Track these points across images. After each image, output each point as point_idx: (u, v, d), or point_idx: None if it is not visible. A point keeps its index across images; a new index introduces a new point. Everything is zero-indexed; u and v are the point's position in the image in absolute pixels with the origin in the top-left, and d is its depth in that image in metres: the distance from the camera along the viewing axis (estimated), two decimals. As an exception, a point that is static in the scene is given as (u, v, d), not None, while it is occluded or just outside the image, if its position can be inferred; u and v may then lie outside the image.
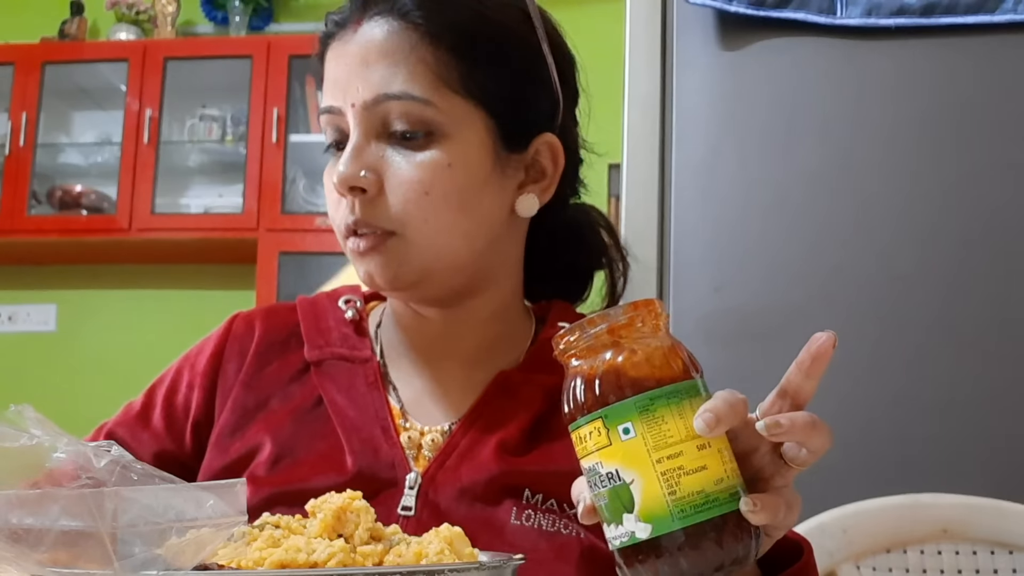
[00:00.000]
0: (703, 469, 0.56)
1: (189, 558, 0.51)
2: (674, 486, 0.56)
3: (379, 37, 0.81)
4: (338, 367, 0.88)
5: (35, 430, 0.54)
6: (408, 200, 0.79)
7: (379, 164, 0.80)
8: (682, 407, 0.57)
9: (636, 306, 0.60)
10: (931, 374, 1.40)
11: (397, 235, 0.80)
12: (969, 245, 1.42)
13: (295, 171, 3.30)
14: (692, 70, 1.52)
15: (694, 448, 0.56)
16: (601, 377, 0.59)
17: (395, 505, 0.80)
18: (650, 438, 0.56)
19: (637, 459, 0.56)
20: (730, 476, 0.57)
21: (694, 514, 0.55)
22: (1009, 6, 1.41)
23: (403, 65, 0.80)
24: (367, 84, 0.80)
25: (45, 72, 3.34)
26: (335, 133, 0.84)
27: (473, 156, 0.81)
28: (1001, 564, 1.14)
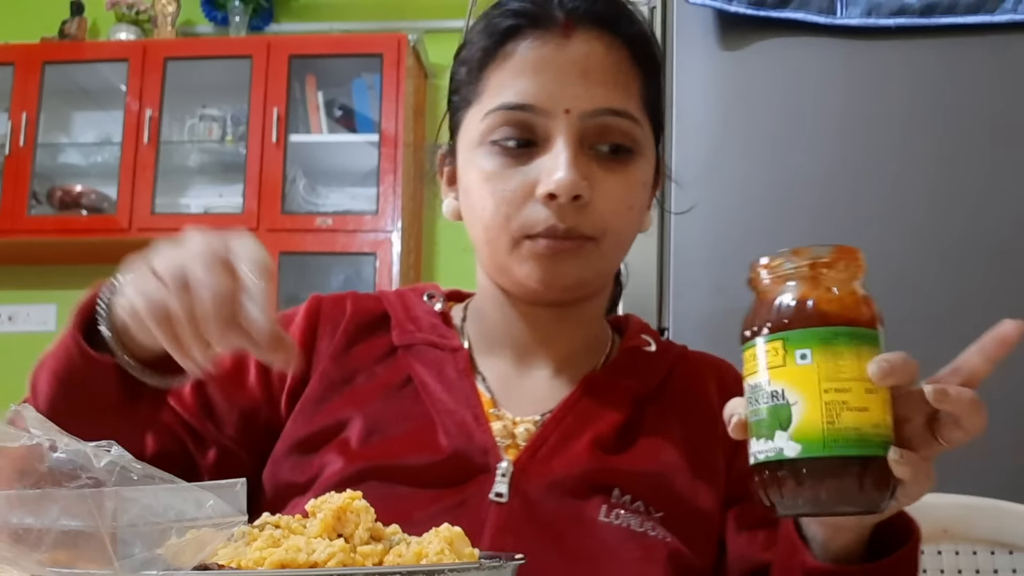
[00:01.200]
0: (864, 410, 0.58)
1: (189, 558, 0.51)
2: (834, 417, 0.58)
3: (600, 53, 0.83)
4: (428, 352, 0.90)
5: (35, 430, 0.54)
6: (616, 213, 0.83)
7: (590, 174, 0.82)
8: (860, 350, 0.59)
9: (841, 249, 0.64)
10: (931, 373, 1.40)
11: (595, 242, 0.83)
12: (969, 245, 1.42)
13: (295, 171, 3.30)
14: (692, 70, 1.52)
15: (862, 389, 0.58)
16: (794, 303, 0.62)
17: (487, 491, 0.81)
18: (824, 368, 0.59)
19: (806, 384, 0.59)
20: (887, 426, 0.59)
21: (845, 447, 0.58)
22: (1009, 6, 1.41)
23: (622, 84, 0.84)
24: (588, 95, 0.82)
25: (45, 72, 3.34)
26: (519, 131, 0.83)
27: (650, 176, 0.88)
28: (1001, 564, 1.14)
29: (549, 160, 0.81)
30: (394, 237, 3.18)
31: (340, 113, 3.37)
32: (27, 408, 0.55)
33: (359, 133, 3.34)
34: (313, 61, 3.32)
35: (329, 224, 3.20)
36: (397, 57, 3.20)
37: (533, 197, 0.81)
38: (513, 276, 0.85)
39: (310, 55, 3.32)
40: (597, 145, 0.82)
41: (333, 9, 3.59)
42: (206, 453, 0.88)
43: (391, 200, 3.19)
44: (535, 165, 0.81)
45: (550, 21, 0.83)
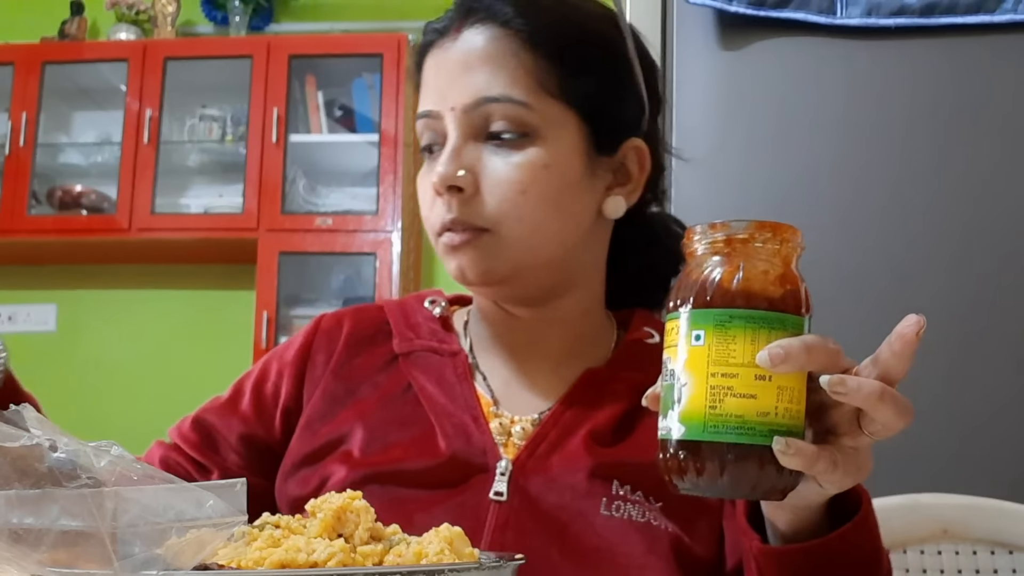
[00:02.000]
0: (751, 397, 0.56)
1: (189, 558, 0.51)
2: (716, 402, 0.57)
3: (480, 43, 0.84)
4: (427, 358, 0.91)
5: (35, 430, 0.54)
6: (505, 199, 0.82)
7: (476, 164, 0.83)
8: (758, 334, 0.57)
9: (762, 225, 0.61)
10: (931, 374, 1.40)
11: (491, 232, 0.83)
12: (969, 245, 1.42)
13: (295, 171, 3.30)
14: (692, 70, 1.52)
15: (751, 375, 0.57)
16: (697, 281, 0.60)
17: (487, 490, 0.82)
18: (715, 351, 0.57)
19: (696, 366, 0.58)
20: (780, 415, 0.57)
21: (724, 433, 0.57)
22: (1009, 6, 1.41)
23: (504, 70, 0.83)
24: (468, 88, 0.83)
25: (45, 72, 3.34)
26: (431, 136, 0.87)
27: (567, 158, 0.85)
28: (1001, 564, 1.14)
29: (440, 157, 0.84)
30: (394, 237, 3.18)
31: (340, 113, 3.37)
32: (27, 408, 0.55)
33: (359, 133, 3.34)
34: (313, 61, 3.33)
35: (329, 224, 3.20)
36: (397, 57, 3.20)
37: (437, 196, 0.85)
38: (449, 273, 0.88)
39: (310, 55, 3.32)
40: (489, 134, 0.83)
41: (333, 9, 3.59)
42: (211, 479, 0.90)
43: (391, 200, 3.19)
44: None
45: (447, 28, 0.87)
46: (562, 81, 0.84)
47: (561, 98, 0.84)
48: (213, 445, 0.92)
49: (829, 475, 0.59)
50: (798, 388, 0.58)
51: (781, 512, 0.67)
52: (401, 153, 3.19)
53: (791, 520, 0.67)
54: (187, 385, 3.42)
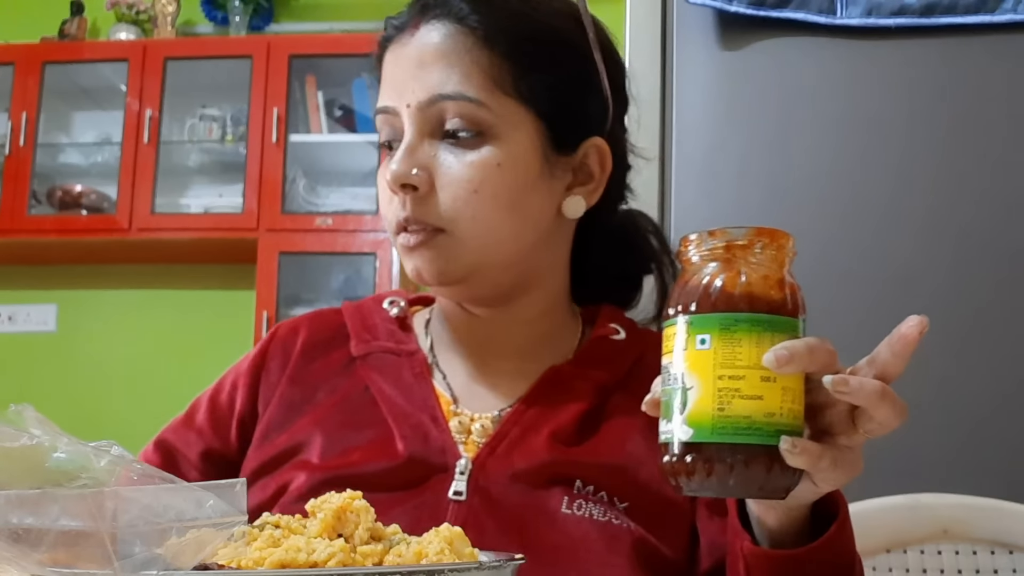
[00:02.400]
0: (758, 398, 0.58)
1: (189, 558, 0.51)
2: (725, 404, 0.58)
3: (436, 40, 0.83)
4: (384, 359, 0.90)
5: (35, 430, 0.54)
6: (457, 197, 0.81)
7: (431, 162, 0.82)
8: (762, 337, 0.59)
9: (760, 232, 0.62)
10: (931, 374, 1.40)
11: (446, 232, 0.82)
12: (969, 245, 1.42)
13: (295, 171, 3.30)
14: (692, 70, 1.52)
15: (757, 377, 0.58)
16: (699, 287, 0.61)
17: (446, 490, 0.81)
18: (720, 355, 0.58)
19: (703, 369, 0.59)
20: (784, 415, 0.58)
21: (733, 435, 0.58)
22: (1009, 6, 1.41)
23: (458, 67, 0.82)
24: (423, 85, 0.82)
25: (45, 72, 3.34)
26: (389, 132, 0.86)
27: (522, 157, 0.83)
28: (1001, 564, 1.14)
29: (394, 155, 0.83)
30: (394, 237, 3.18)
31: (340, 113, 3.37)
32: (27, 408, 0.55)
33: (359, 133, 3.34)
34: (313, 61, 3.33)
35: (329, 224, 3.20)
36: (397, 57, 3.19)
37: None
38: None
39: (310, 55, 3.32)
40: (443, 132, 0.83)
41: (333, 9, 3.59)
42: None
43: (391, 200, 3.19)
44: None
45: (405, 24, 0.86)
46: (517, 79, 0.83)
47: (516, 96, 0.83)
48: (174, 464, 0.92)
49: (829, 473, 0.60)
50: (799, 389, 0.59)
51: (773, 512, 0.67)
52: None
53: (781, 519, 0.67)
54: (187, 385, 3.42)
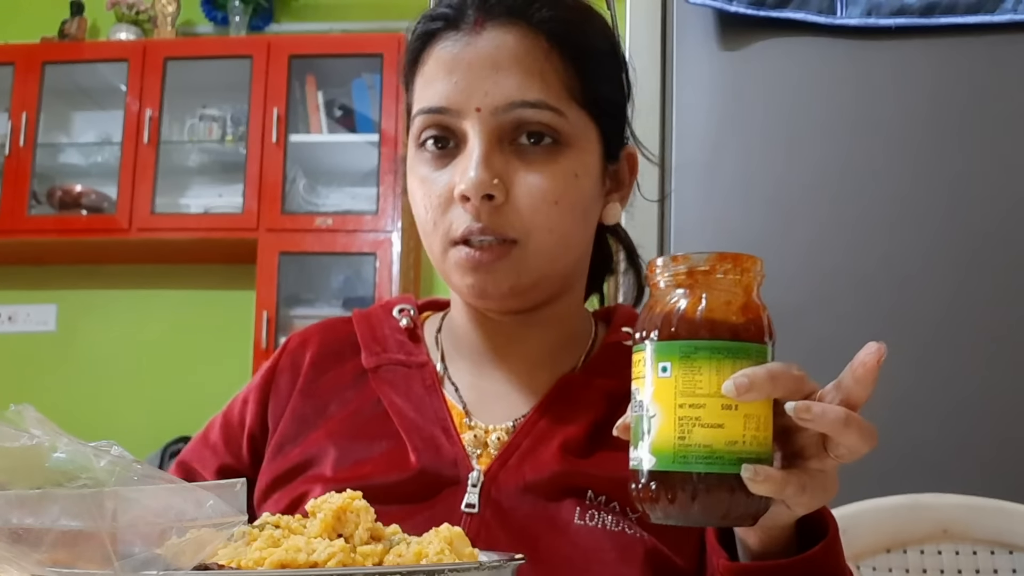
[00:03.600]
0: (719, 427, 0.57)
1: (189, 558, 0.51)
2: (685, 433, 0.58)
3: (511, 43, 0.80)
4: (395, 371, 0.89)
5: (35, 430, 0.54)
6: (538, 210, 0.79)
7: (506, 171, 0.79)
8: (722, 364, 0.58)
9: (723, 257, 0.61)
10: (931, 374, 1.40)
11: (519, 244, 0.80)
12: (969, 245, 1.42)
13: (295, 171, 3.30)
14: (692, 70, 1.52)
15: (718, 405, 0.58)
16: (662, 313, 0.61)
17: (458, 503, 0.81)
18: (682, 383, 0.58)
19: (664, 397, 0.59)
20: (748, 443, 0.58)
21: (694, 463, 0.58)
22: (1009, 6, 1.41)
23: (537, 74, 0.80)
24: (498, 89, 0.79)
25: (45, 72, 3.34)
26: (439, 131, 0.82)
27: (591, 167, 0.83)
28: (1001, 564, 1.14)
29: (463, 161, 0.79)
30: (394, 237, 3.18)
31: (340, 113, 3.37)
32: (27, 408, 0.55)
33: (359, 133, 3.34)
34: (313, 61, 3.32)
35: (329, 224, 3.20)
36: (397, 57, 3.18)
37: (454, 201, 0.80)
38: (453, 285, 0.84)
39: (310, 55, 3.32)
40: (517, 139, 0.80)
41: (333, 9, 3.59)
42: None
43: (391, 200, 3.19)
44: (454, 167, 0.80)
45: (464, 19, 0.82)
46: (585, 88, 0.82)
47: (584, 106, 0.82)
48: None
49: (798, 498, 0.59)
50: (764, 415, 0.59)
51: (752, 533, 0.67)
52: (401, 153, 3.19)
53: (762, 540, 0.67)
54: (187, 385, 3.44)
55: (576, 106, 0.81)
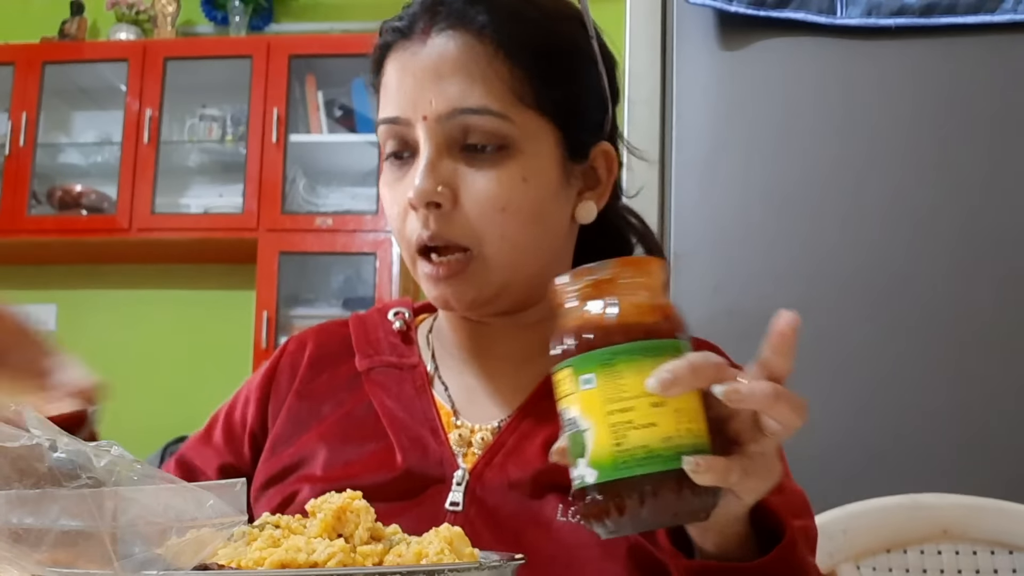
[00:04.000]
0: (652, 426, 0.57)
1: (189, 558, 0.51)
2: (621, 439, 0.57)
3: (453, 50, 0.81)
4: (387, 374, 0.90)
5: (35, 430, 0.54)
6: (484, 215, 0.79)
7: (453, 178, 0.80)
8: (643, 364, 0.58)
9: (623, 263, 0.61)
10: (931, 374, 1.40)
11: (474, 255, 0.80)
12: (969, 245, 1.42)
13: (295, 171, 3.30)
14: (692, 70, 1.52)
15: (647, 405, 0.57)
16: (575, 328, 0.61)
17: (443, 501, 0.81)
18: (607, 390, 0.58)
19: (593, 409, 0.58)
20: (683, 436, 0.58)
21: (635, 466, 0.57)
22: (1009, 6, 1.41)
23: (479, 79, 0.80)
24: (442, 97, 0.80)
25: (45, 72, 3.34)
26: (396, 144, 0.83)
27: (545, 169, 0.82)
28: (1001, 564, 1.14)
29: (413, 170, 0.80)
30: (394, 237, 3.18)
31: (340, 113, 3.37)
32: (27, 408, 0.55)
33: (359, 133, 3.34)
34: (313, 61, 3.33)
35: (329, 224, 3.20)
36: (397, 57, 3.20)
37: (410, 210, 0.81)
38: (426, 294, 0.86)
39: (310, 55, 3.32)
40: (464, 146, 0.80)
41: (333, 9, 3.59)
42: None
43: (391, 200, 3.19)
44: (410, 176, 0.81)
45: (414, 29, 0.83)
46: (537, 90, 0.81)
47: (536, 108, 0.81)
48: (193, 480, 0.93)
49: (744, 484, 0.59)
50: (695, 407, 0.59)
51: (709, 534, 0.66)
52: (401, 153, 3.19)
53: (719, 542, 0.67)
54: (187, 385, 3.44)
55: (525, 108, 0.81)
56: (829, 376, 1.40)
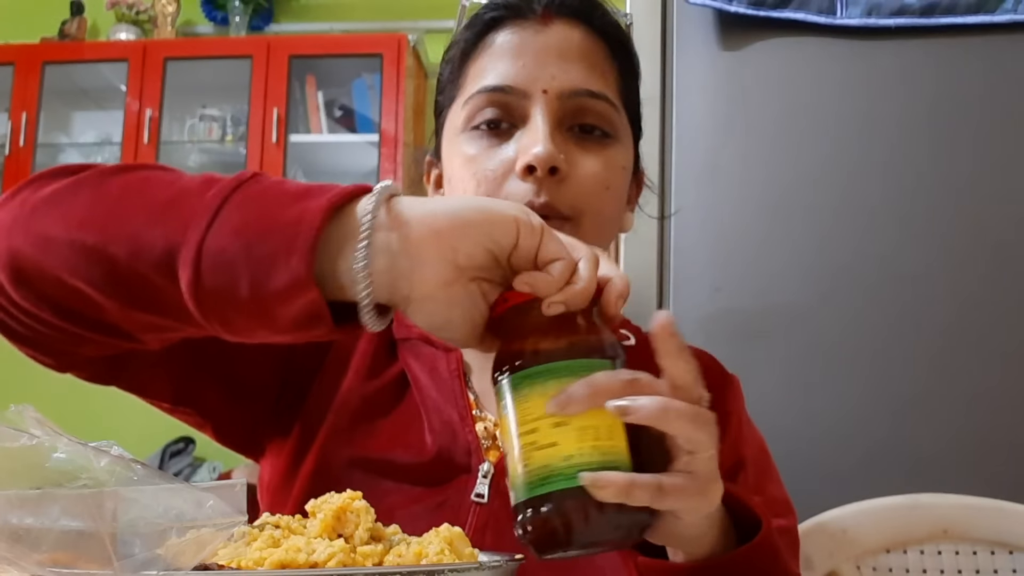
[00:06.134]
0: (553, 445, 0.57)
1: (189, 558, 0.51)
2: (527, 459, 0.58)
3: (577, 38, 0.85)
4: (422, 348, 0.90)
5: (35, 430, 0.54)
6: (592, 192, 0.83)
7: (567, 152, 0.83)
8: (547, 386, 0.58)
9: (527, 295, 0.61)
10: (931, 374, 1.40)
11: (571, 223, 0.82)
12: (969, 245, 1.42)
13: (295, 171, 3.30)
14: (692, 70, 1.52)
15: (549, 425, 0.57)
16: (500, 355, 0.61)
17: (468, 491, 0.81)
18: (518, 413, 0.59)
19: (507, 433, 0.60)
20: (585, 454, 0.57)
21: (538, 486, 0.57)
22: (1009, 6, 1.41)
23: (599, 70, 0.85)
24: (566, 76, 0.83)
25: (45, 72, 3.34)
26: (498, 112, 0.84)
27: (629, 166, 0.89)
28: (1001, 564, 1.14)
29: (527, 136, 0.82)
30: (394, 237, 3.18)
31: (340, 113, 3.37)
32: (27, 408, 0.55)
33: (359, 133, 3.34)
34: (313, 61, 3.33)
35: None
36: (397, 57, 3.20)
37: (512, 173, 0.81)
38: None
39: (310, 55, 3.32)
40: (575, 126, 0.84)
41: (333, 9, 3.59)
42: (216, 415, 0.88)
43: (391, 200, 3.19)
44: (514, 142, 0.83)
45: (530, 12, 0.86)
46: (628, 94, 0.88)
47: (627, 111, 0.88)
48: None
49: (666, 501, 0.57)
50: (605, 425, 0.57)
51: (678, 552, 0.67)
52: (401, 153, 3.19)
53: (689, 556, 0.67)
54: (187, 385, 3.43)
55: (622, 108, 0.87)
56: (829, 376, 1.40)
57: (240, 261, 0.58)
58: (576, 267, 0.60)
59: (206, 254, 0.59)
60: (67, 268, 0.63)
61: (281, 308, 0.59)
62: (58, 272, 0.64)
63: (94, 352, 0.74)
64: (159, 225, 0.61)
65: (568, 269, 0.59)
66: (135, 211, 0.63)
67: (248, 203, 0.60)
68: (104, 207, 0.64)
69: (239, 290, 0.58)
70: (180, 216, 0.61)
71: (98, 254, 0.62)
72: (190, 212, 0.61)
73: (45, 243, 0.64)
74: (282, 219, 0.58)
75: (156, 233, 0.61)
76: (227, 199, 0.61)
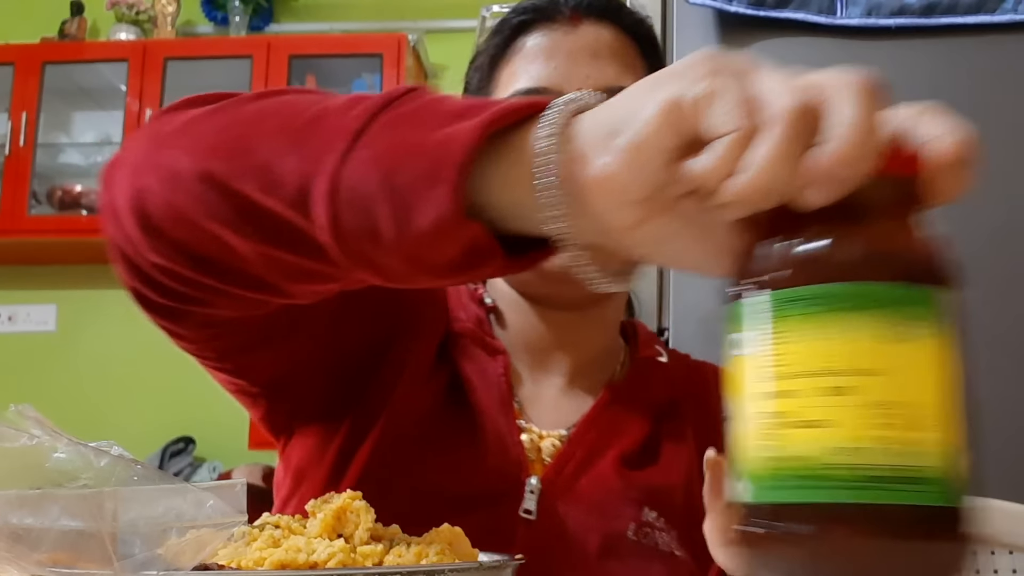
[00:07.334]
0: (824, 425, 0.35)
1: (189, 558, 0.51)
2: (769, 438, 0.36)
3: (608, 38, 0.85)
4: (471, 349, 0.86)
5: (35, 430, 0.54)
6: None
7: None
8: (829, 323, 0.35)
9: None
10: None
11: None
12: (968, 245, 1.42)
13: (295, 171, 3.30)
14: (692, 70, 1.52)
15: (821, 389, 0.35)
16: (743, 254, 0.39)
17: (516, 507, 0.80)
18: (758, 359, 0.37)
19: (737, 388, 0.38)
20: (889, 445, 0.34)
21: (795, 488, 0.35)
22: (1009, 6, 1.41)
23: (631, 69, 0.85)
24: (600, 75, 0.83)
25: (45, 72, 3.34)
26: None
27: None
28: (1001, 564, 1.14)
29: None
30: (394, 237, 3.18)
31: (340, 113, 3.37)
32: (27, 408, 0.55)
33: (359, 133, 3.34)
34: (313, 61, 3.32)
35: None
36: (397, 57, 3.20)
37: None
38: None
39: (310, 55, 3.32)
40: None
41: (333, 9, 3.58)
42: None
43: (391, 200, 3.19)
44: None
45: (558, 14, 0.86)
46: None
47: None
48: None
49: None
50: (928, 394, 0.35)
51: None
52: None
53: None
54: (187, 385, 3.43)
55: None
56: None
57: (379, 195, 0.48)
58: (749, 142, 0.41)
59: (343, 187, 0.49)
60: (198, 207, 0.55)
61: (433, 248, 0.48)
62: (189, 212, 0.55)
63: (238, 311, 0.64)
64: (293, 152, 0.52)
65: (733, 149, 0.41)
66: (267, 136, 0.54)
67: (396, 124, 0.50)
68: (234, 133, 0.55)
69: (382, 230, 0.48)
70: (317, 141, 0.51)
71: (227, 188, 0.53)
72: (328, 136, 0.51)
73: (174, 179, 0.56)
74: (429, 142, 0.48)
75: (289, 161, 0.51)
76: (373, 119, 0.50)
